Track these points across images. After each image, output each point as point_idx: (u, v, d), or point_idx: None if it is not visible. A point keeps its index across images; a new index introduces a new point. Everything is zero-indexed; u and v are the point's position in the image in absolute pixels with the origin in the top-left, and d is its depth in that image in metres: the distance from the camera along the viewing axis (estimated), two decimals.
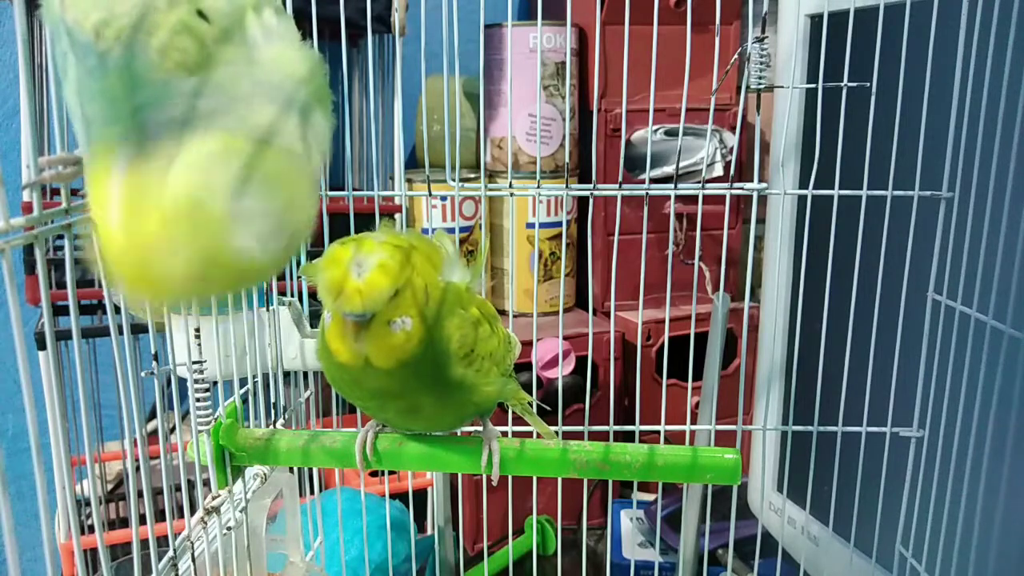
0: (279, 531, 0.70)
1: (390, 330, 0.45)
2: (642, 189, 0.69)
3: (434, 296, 0.47)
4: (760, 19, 0.66)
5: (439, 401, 0.52)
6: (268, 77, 0.36)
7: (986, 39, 0.61)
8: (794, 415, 0.73)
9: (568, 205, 1.24)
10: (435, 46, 0.68)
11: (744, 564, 1.00)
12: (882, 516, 0.71)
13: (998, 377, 0.61)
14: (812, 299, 0.74)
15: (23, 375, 0.37)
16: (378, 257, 0.44)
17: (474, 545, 1.17)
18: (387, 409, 0.53)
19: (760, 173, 0.70)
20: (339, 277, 0.43)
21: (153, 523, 0.50)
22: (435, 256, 0.50)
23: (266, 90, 0.35)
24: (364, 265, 0.43)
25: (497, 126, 1.25)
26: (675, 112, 1.18)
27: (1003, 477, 0.61)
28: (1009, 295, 0.61)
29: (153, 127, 0.33)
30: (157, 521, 0.50)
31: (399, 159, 0.95)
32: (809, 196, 0.70)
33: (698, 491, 0.89)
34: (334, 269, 0.43)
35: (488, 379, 0.52)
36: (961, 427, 0.65)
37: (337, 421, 0.71)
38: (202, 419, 0.55)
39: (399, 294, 0.44)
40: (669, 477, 0.59)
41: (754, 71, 0.66)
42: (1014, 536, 0.61)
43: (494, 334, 0.53)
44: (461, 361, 0.50)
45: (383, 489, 0.89)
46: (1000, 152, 0.61)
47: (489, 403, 0.55)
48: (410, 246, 0.47)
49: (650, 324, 1.21)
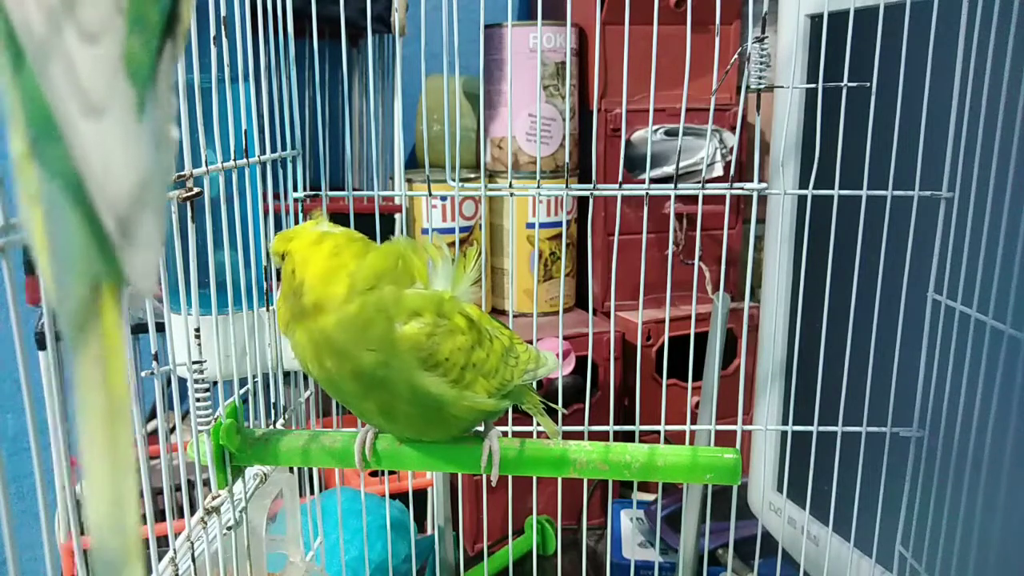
0: (279, 531, 0.70)
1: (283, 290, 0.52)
2: (642, 189, 0.69)
3: (325, 290, 0.50)
4: (760, 19, 0.66)
5: (412, 408, 0.52)
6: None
7: (986, 39, 0.61)
8: (794, 415, 0.72)
9: (568, 205, 1.24)
10: (435, 46, 0.68)
11: (744, 564, 1.00)
12: (882, 516, 0.71)
13: (998, 377, 0.61)
14: (812, 299, 0.74)
15: (23, 375, 0.37)
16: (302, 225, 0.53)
17: (474, 545, 1.17)
18: (365, 411, 0.53)
19: (760, 173, 0.70)
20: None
21: (153, 523, 0.50)
22: (365, 258, 0.51)
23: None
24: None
25: (497, 126, 1.24)
26: (675, 112, 1.18)
27: (1003, 477, 0.61)
28: (1009, 295, 0.60)
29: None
30: (157, 521, 0.50)
31: (399, 159, 0.95)
32: (809, 196, 0.70)
33: (698, 491, 0.89)
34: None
35: (469, 393, 0.53)
36: (961, 427, 0.65)
37: (337, 421, 0.71)
38: (202, 419, 0.55)
39: (285, 259, 0.51)
40: (669, 477, 0.59)
41: (754, 71, 0.66)
42: (1014, 536, 0.61)
43: (482, 347, 0.54)
44: (428, 367, 0.51)
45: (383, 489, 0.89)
46: (1000, 152, 0.61)
47: (474, 418, 0.55)
48: (353, 240, 0.52)
49: (650, 324, 1.21)
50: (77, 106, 0.24)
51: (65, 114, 0.24)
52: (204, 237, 0.63)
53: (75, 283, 0.25)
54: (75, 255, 0.25)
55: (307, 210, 0.72)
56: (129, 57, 0.25)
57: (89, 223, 0.25)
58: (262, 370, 0.65)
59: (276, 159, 0.67)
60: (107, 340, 0.25)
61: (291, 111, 0.68)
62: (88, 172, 0.24)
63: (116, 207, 0.24)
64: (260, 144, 0.65)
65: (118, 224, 0.24)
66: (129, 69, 0.25)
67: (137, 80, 0.26)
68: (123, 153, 0.24)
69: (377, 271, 0.50)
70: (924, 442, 0.69)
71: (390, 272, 0.51)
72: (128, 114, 0.25)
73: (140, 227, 0.24)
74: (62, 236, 0.25)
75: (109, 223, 0.24)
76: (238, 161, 0.61)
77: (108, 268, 0.25)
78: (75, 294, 0.25)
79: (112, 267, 0.25)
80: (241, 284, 0.61)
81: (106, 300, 0.25)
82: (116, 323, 0.25)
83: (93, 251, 0.25)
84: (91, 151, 0.24)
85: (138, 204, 0.24)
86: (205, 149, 0.54)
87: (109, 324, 0.25)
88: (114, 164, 0.24)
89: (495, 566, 1.05)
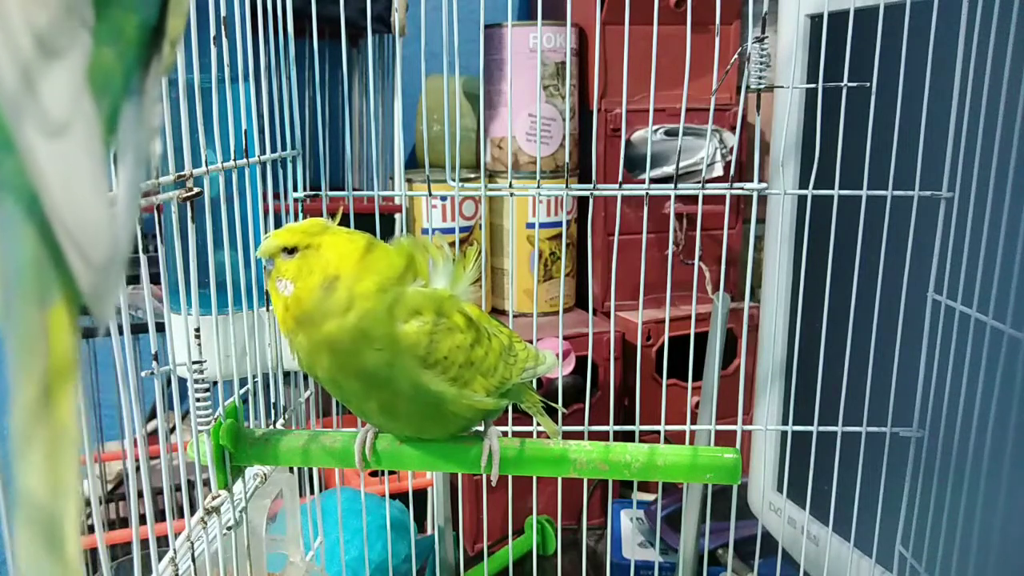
0: (279, 531, 0.70)
1: (276, 287, 0.51)
2: (642, 189, 0.69)
3: (356, 286, 0.49)
4: (760, 19, 0.66)
5: (412, 406, 0.52)
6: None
7: (986, 39, 0.61)
8: (794, 415, 0.72)
9: (568, 205, 1.24)
10: (435, 46, 0.68)
11: (744, 564, 1.00)
12: (882, 516, 0.71)
13: (998, 377, 0.61)
14: (812, 299, 0.74)
15: None
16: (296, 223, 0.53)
17: (474, 545, 1.17)
18: (366, 409, 0.53)
19: (760, 173, 0.70)
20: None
21: (153, 523, 0.50)
22: (386, 256, 0.51)
23: None
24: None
25: (497, 126, 1.24)
26: (675, 112, 1.18)
27: (1003, 477, 0.61)
28: (1009, 295, 0.60)
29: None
30: (157, 521, 0.50)
31: (399, 159, 0.95)
32: (809, 196, 0.70)
33: (698, 491, 0.89)
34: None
35: (468, 391, 0.53)
36: (961, 427, 0.65)
37: (337, 421, 0.71)
38: (202, 419, 0.55)
39: (292, 254, 0.51)
40: (669, 477, 0.59)
41: (754, 71, 0.66)
42: (1014, 536, 0.61)
43: (480, 345, 0.54)
44: (427, 365, 0.51)
45: (383, 489, 0.89)
46: (1000, 152, 0.61)
47: (473, 416, 0.55)
48: (373, 239, 0.51)
49: (650, 324, 1.21)
50: (36, 124, 0.22)
51: (22, 132, 0.22)
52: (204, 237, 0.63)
53: (22, 301, 0.23)
54: (24, 273, 0.23)
55: (307, 210, 0.73)
56: (96, 73, 0.24)
57: (43, 241, 0.23)
58: (262, 370, 0.65)
59: (276, 159, 0.67)
60: (54, 363, 0.23)
61: (291, 111, 0.68)
62: (45, 189, 0.22)
63: (73, 228, 0.22)
64: (260, 144, 0.65)
65: (75, 245, 0.22)
66: (96, 85, 0.24)
67: (106, 96, 0.24)
68: (85, 173, 0.22)
69: (395, 271, 0.51)
70: (924, 442, 0.69)
71: (403, 272, 0.51)
72: (92, 132, 0.23)
73: (99, 249, 0.23)
74: (11, 252, 0.23)
75: (66, 243, 0.22)
76: (238, 161, 0.61)
77: (61, 289, 0.23)
78: (22, 313, 0.23)
79: (66, 288, 0.23)
80: (241, 284, 0.61)
81: (56, 322, 0.23)
82: (66, 346, 0.23)
83: (45, 270, 0.23)
84: (50, 169, 0.22)
85: (98, 226, 0.23)
86: (205, 149, 0.54)
87: (58, 347, 0.23)
88: (74, 183, 0.22)
89: (495, 566, 1.05)
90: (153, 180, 0.49)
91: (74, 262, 0.23)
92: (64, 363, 0.23)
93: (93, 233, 0.23)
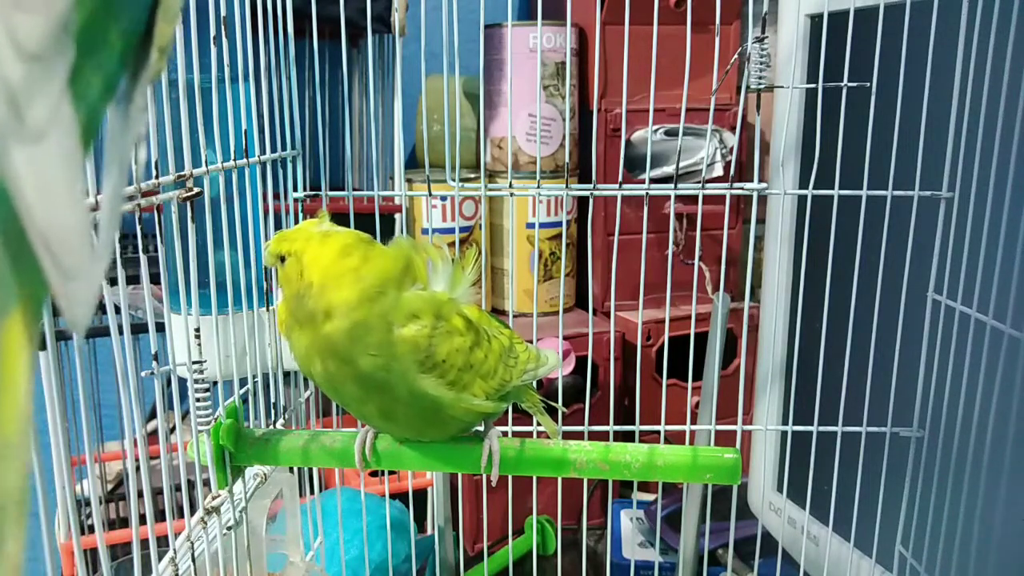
0: (279, 531, 0.70)
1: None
2: (642, 189, 0.69)
3: (333, 295, 0.49)
4: (760, 19, 0.66)
5: (410, 411, 0.52)
6: None
7: (986, 39, 0.61)
8: (794, 415, 0.72)
9: (568, 205, 1.24)
10: (435, 46, 0.68)
11: (744, 564, 1.00)
12: (882, 516, 0.71)
13: (998, 377, 0.61)
14: (812, 299, 0.74)
15: None
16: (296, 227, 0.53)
17: (474, 545, 1.17)
18: (365, 413, 0.53)
19: (760, 173, 0.70)
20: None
21: (153, 523, 0.50)
22: (378, 261, 0.51)
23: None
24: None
25: (497, 126, 1.24)
26: (675, 112, 1.18)
27: (1003, 477, 0.61)
28: (1009, 295, 0.60)
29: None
30: (157, 521, 0.50)
31: (399, 159, 0.95)
32: (809, 196, 0.70)
33: (698, 491, 0.89)
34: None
35: (467, 395, 0.53)
36: (961, 427, 0.65)
37: (337, 421, 0.71)
38: (202, 419, 0.55)
39: (285, 260, 0.51)
40: (669, 477, 0.59)
41: (754, 71, 0.66)
42: (1014, 536, 0.61)
43: (480, 347, 0.54)
44: (425, 369, 0.51)
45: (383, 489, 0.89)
46: (1000, 152, 0.61)
47: (472, 419, 0.55)
48: (361, 241, 0.51)
49: (650, 324, 1.21)
50: (12, 130, 0.21)
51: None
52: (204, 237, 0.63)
53: None
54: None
55: (307, 210, 0.73)
56: (78, 80, 0.23)
57: (11, 244, 0.22)
58: (262, 370, 0.65)
59: (276, 159, 0.67)
60: (2, 371, 0.22)
61: (291, 111, 0.68)
62: (18, 194, 0.21)
63: (48, 233, 0.22)
64: (260, 144, 0.65)
65: (48, 251, 0.22)
66: (77, 92, 0.23)
67: (87, 104, 0.24)
68: (61, 179, 0.22)
69: (386, 276, 0.50)
70: (924, 442, 0.69)
71: (398, 276, 0.51)
72: (70, 139, 0.22)
73: (74, 255, 0.22)
74: None
75: (40, 249, 0.22)
76: (238, 161, 0.61)
77: (22, 294, 0.22)
78: None
79: (32, 294, 0.22)
80: (241, 284, 0.61)
81: (10, 328, 0.22)
82: (18, 354, 0.22)
83: (6, 273, 0.22)
84: (24, 176, 0.21)
85: (74, 232, 0.22)
86: (205, 149, 0.54)
87: (8, 353, 0.22)
88: (50, 191, 0.22)
89: (495, 566, 1.05)
90: (153, 180, 0.49)
91: (48, 268, 0.22)
92: (10, 372, 0.22)
93: (68, 239, 0.22)
